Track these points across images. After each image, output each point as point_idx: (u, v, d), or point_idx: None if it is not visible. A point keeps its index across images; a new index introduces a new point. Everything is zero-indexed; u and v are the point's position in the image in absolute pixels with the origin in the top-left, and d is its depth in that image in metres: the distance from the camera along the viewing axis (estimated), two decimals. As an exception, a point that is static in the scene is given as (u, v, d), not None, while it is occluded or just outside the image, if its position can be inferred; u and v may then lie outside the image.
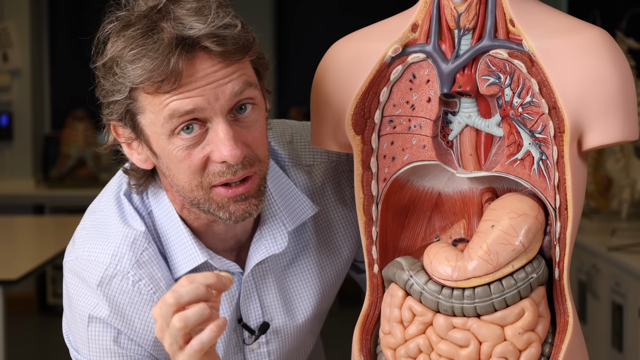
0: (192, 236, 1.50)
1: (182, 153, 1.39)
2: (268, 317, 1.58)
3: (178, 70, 1.34)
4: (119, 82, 1.37)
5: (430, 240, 1.52)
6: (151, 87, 1.36)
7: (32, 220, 5.02)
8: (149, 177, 1.51)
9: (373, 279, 1.51)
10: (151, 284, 1.48)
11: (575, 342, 1.40)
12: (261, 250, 1.53)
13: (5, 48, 6.11)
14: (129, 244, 1.48)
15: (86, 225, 1.54)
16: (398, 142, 1.49)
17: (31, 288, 6.03)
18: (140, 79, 1.35)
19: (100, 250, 1.49)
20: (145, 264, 1.48)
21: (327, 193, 1.62)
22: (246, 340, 1.57)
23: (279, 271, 1.59)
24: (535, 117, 1.40)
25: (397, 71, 1.47)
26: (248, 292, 1.56)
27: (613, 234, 3.89)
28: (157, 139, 1.40)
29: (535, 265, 1.40)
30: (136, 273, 1.47)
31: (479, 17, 1.41)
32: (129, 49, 1.36)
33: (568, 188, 1.37)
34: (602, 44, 1.37)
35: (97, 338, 1.48)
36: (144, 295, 1.48)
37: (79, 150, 6.11)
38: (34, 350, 5.33)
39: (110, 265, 1.47)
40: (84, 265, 1.49)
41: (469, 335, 1.39)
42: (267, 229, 1.54)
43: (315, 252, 1.60)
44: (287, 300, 1.59)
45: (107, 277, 1.47)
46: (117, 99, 1.39)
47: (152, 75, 1.35)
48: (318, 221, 1.61)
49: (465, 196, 1.50)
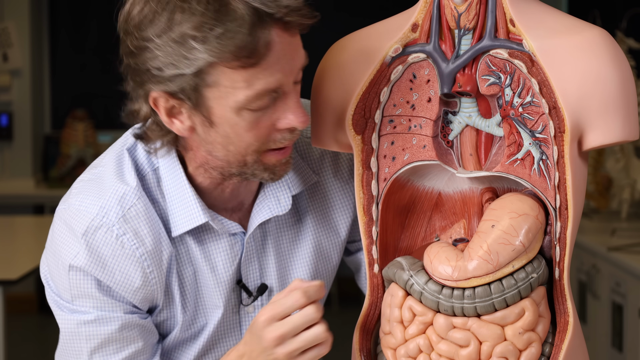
0: (195, 196, 1.51)
1: (251, 124, 1.42)
2: (265, 279, 1.60)
3: (263, 46, 1.37)
4: (193, 57, 1.36)
5: (430, 240, 1.52)
6: (235, 62, 1.37)
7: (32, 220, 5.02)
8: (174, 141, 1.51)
9: (373, 279, 1.51)
10: (135, 239, 1.49)
11: (575, 342, 1.40)
12: (265, 211, 1.56)
13: (5, 48, 6.11)
14: (117, 198, 1.50)
15: (84, 178, 1.56)
16: (398, 142, 1.49)
17: (31, 288, 6.03)
18: (227, 55, 1.36)
19: (90, 201, 1.51)
20: (132, 219, 1.50)
21: (326, 166, 1.64)
22: (244, 300, 1.59)
23: (277, 235, 1.61)
24: (536, 117, 1.40)
25: (397, 71, 1.47)
26: (249, 254, 1.58)
27: (613, 234, 3.89)
28: (223, 110, 1.41)
29: (535, 265, 1.40)
30: (121, 227, 1.49)
31: (479, 17, 1.41)
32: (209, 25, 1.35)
33: (568, 188, 1.37)
34: (603, 44, 1.37)
35: (79, 284, 1.50)
36: (127, 249, 1.49)
37: (79, 150, 6.11)
38: (33, 350, 5.33)
39: (97, 216, 1.49)
40: (72, 213, 1.52)
41: (469, 335, 1.39)
42: (271, 190, 1.57)
43: (312, 220, 1.63)
44: (282, 265, 1.61)
45: (93, 228, 1.49)
46: (184, 72, 1.38)
47: (240, 51, 1.36)
48: (315, 191, 1.63)
49: (465, 196, 1.50)
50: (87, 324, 1.50)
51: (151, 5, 1.39)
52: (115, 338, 1.50)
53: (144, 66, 1.40)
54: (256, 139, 1.44)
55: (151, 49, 1.39)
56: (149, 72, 1.40)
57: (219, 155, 1.47)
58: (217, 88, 1.39)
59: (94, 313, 1.50)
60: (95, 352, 1.51)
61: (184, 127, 1.45)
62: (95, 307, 1.50)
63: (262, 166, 1.47)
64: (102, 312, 1.50)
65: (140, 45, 1.40)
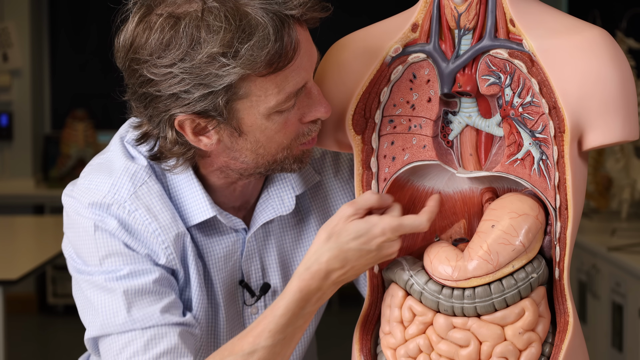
0: (203, 191, 1.52)
1: (279, 125, 1.44)
2: (267, 279, 1.60)
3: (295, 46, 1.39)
4: (224, 73, 1.37)
5: (430, 240, 1.52)
6: (267, 70, 1.38)
7: (32, 220, 5.01)
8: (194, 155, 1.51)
9: (373, 279, 1.51)
10: (147, 215, 1.49)
11: (575, 342, 1.40)
12: (268, 211, 1.57)
13: (5, 48, 6.11)
14: (129, 175, 1.51)
15: (93, 163, 1.57)
16: (398, 142, 1.49)
17: (31, 288, 6.02)
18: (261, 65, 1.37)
19: (101, 180, 1.51)
20: (143, 196, 1.50)
21: (327, 165, 1.64)
22: (247, 301, 1.59)
23: (280, 235, 1.61)
24: (536, 117, 1.40)
25: (397, 71, 1.47)
26: (250, 252, 1.58)
27: (613, 234, 3.89)
28: (254, 119, 1.43)
29: (535, 265, 1.40)
30: (133, 203, 1.49)
31: (479, 17, 1.41)
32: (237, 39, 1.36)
33: (568, 188, 1.37)
34: (603, 44, 1.37)
35: (106, 243, 1.49)
36: (139, 225, 1.49)
37: (79, 150, 6.10)
38: (34, 351, 5.33)
39: (108, 193, 1.50)
40: (83, 191, 1.52)
41: (469, 335, 1.39)
42: (274, 190, 1.58)
43: (315, 220, 1.63)
44: (285, 265, 1.62)
45: (105, 205, 1.49)
46: (214, 89, 1.38)
47: (272, 58, 1.37)
48: (317, 191, 1.64)
49: (465, 196, 1.50)
50: (121, 279, 1.48)
51: (163, 30, 1.38)
52: (150, 290, 1.48)
53: (168, 92, 1.40)
54: (286, 138, 1.45)
55: (175, 73, 1.38)
56: (175, 96, 1.40)
57: (248, 160, 1.48)
58: (249, 98, 1.41)
59: (126, 268, 1.48)
60: (132, 304, 1.48)
61: (211, 143, 1.46)
62: (126, 262, 1.48)
63: (292, 158, 1.49)
64: (134, 266, 1.48)
65: (161, 72, 1.39)
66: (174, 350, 1.46)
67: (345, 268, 1.41)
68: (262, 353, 1.42)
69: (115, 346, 1.47)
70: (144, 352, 1.45)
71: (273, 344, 1.42)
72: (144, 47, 1.40)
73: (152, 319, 1.47)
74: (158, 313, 1.47)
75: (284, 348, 1.44)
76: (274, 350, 1.42)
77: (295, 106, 1.44)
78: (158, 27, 1.39)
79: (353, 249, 1.40)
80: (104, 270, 1.49)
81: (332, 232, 1.41)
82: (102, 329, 1.48)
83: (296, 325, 1.43)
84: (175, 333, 1.46)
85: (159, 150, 1.50)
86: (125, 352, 1.46)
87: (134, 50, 1.41)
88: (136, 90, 1.43)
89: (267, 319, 1.42)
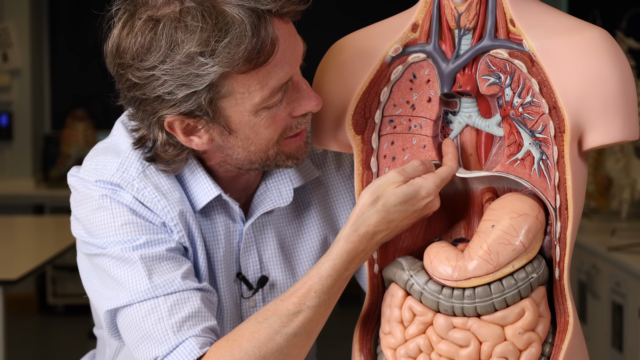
0: (206, 174, 1.53)
1: (267, 121, 1.44)
2: (266, 272, 1.61)
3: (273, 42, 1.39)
4: (204, 72, 1.38)
5: (430, 240, 1.52)
6: (247, 66, 1.38)
7: (32, 220, 5.01)
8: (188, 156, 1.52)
9: (373, 279, 1.51)
10: (156, 192, 1.50)
11: (575, 342, 1.40)
12: (266, 202, 1.58)
13: (5, 48, 6.11)
14: (137, 156, 1.52)
15: (98, 147, 1.57)
16: (398, 142, 1.49)
17: (31, 288, 6.02)
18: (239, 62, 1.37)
19: (108, 160, 1.52)
20: (152, 175, 1.51)
21: (328, 161, 1.65)
22: (244, 293, 1.59)
23: (279, 228, 1.62)
24: (536, 117, 1.40)
25: (397, 71, 1.47)
26: (248, 244, 1.58)
27: (613, 234, 3.89)
28: (240, 116, 1.44)
29: (535, 265, 1.40)
30: (141, 181, 1.50)
31: (480, 17, 1.41)
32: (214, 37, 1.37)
33: (568, 188, 1.37)
34: (603, 44, 1.37)
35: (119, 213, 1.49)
36: (148, 202, 1.49)
37: (79, 150, 6.10)
38: (33, 351, 5.33)
39: (117, 172, 1.50)
40: (90, 171, 1.52)
41: (469, 335, 1.39)
42: (273, 182, 1.59)
43: (316, 214, 1.64)
44: (288, 258, 1.62)
45: (114, 184, 1.50)
46: (196, 89, 1.39)
47: (250, 54, 1.37)
48: (318, 186, 1.64)
49: (465, 196, 1.50)
50: (138, 248, 1.48)
51: (143, 33, 1.39)
52: (168, 257, 1.48)
53: (153, 94, 1.41)
54: (276, 133, 1.46)
55: (158, 76, 1.39)
56: (160, 99, 1.41)
57: (240, 157, 1.49)
58: (233, 96, 1.41)
59: (142, 237, 1.48)
60: (153, 271, 1.47)
61: (202, 142, 1.47)
62: (142, 232, 1.48)
63: (284, 155, 1.49)
64: (149, 236, 1.48)
65: (144, 75, 1.40)
66: (197, 314, 1.45)
67: (390, 229, 1.43)
68: (308, 313, 1.42)
69: (138, 314, 1.46)
70: (169, 317, 1.44)
71: (318, 304, 1.42)
72: (127, 52, 1.41)
73: (173, 284, 1.46)
74: (179, 278, 1.47)
75: (327, 309, 1.44)
76: (319, 310, 1.42)
77: (284, 101, 1.44)
78: (138, 30, 1.40)
79: (400, 211, 1.42)
80: (120, 240, 1.48)
81: (379, 195, 1.42)
82: (124, 299, 1.47)
83: (339, 286, 1.44)
84: (197, 297, 1.46)
85: (155, 153, 1.50)
86: (150, 319, 1.45)
87: (119, 55, 1.43)
88: (125, 94, 1.46)
89: (313, 279, 1.42)
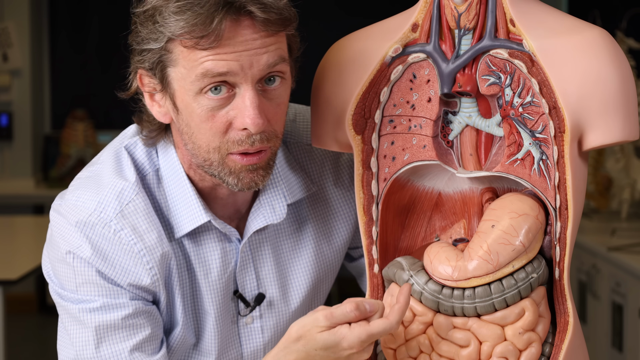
0: (197, 196, 1.52)
1: (206, 113, 1.43)
2: (263, 289, 1.60)
3: (220, 30, 1.38)
4: (158, 31, 1.41)
5: (430, 240, 1.52)
6: (190, 42, 1.39)
7: (32, 220, 5.01)
8: (162, 131, 1.55)
9: (373, 279, 1.51)
10: (133, 235, 1.49)
11: (575, 342, 1.40)
12: (260, 219, 1.56)
13: (5, 48, 6.11)
14: (116, 193, 1.51)
15: (82, 175, 1.57)
16: (398, 142, 1.49)
17: (31, 288, 6.02)
18: (181, 31, 1.39)
19: (88, 197, 1.52)
20: (130, 215, 1.50)
21: (326, 173, 1.63)
22: (241, 311, 1.58)
23: (276, 244, 1.61)
24: (536, 117, 1.40)
25: (397, 71, 1.47)
26: (244, 262, 1.57)
27: (613, 234, 3.89)
28: (184, 94, 1.43)
29: (535, 265, 1.40)
30: (119, 222, 1.50)
31: (480, 17, 1.41)
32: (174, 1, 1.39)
33: (568, 188, 1.37)
34: (603, 44, 1.37)
35: (81, 271, 1.50)
36: (124, 245, 1.49)
37: (79, 150, 6.10)
38: (33, 350, 5.33)
39: (94, 212, 1.50)
40: (70, 208, 1.52)
41: (469, 335, 1.39)
42: (266, 198, 1.57)
43: (313, 229, 1.62)
44: (283, 274, 1.61)
45: (90, 223, 1.50)
46: (152, 47, 1.42)
47: (194, 30, 1.38)
48: (316, 200, 1.63)
49: (465, 196, 1.50)
50: (93, 312, 1.49)
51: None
52: (123, 325, 1.49)
53: (131, 42, 1.46)
54: (212, 133, 1.44)
55: (136, 24, 1.45)
56: (133, 48, 1.46)
57: (189, 149, 1.48)
58: (178, 68, 1.42)
59: (99, 300, 1.49)
60: (102, 340, 1.49)
61: (160, 112, 1.49)
62: (101, 294, 1.49)
63: (227, 169, 1.46)
64: (108, 299, 1.49)
65: (133, 20, 1.46)
66: None
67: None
68: None
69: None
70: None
71: None
72: None
73: (119, 357, 1.48)
74: (127, 352, 1.48)
75: None
76: None
77: (229, 106, 1.42)
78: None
79: (321, 355, 1.39)
80: (78, 299, 1.50)
81: (302, 335, 1.40)
82: (71, 356, 1.51)
83: None
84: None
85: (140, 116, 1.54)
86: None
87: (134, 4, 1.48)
88: None
89: None
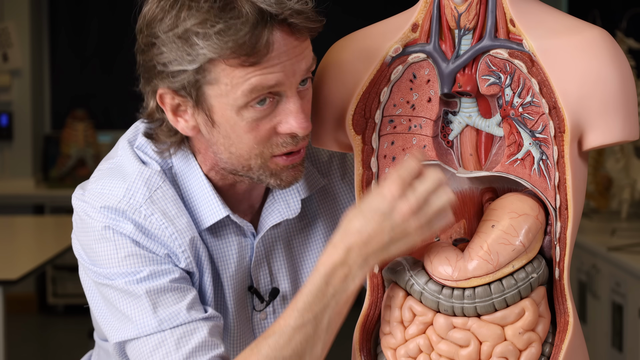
0: (214, 191, 1.53)
1: (250, 124, 1.43)
2: (276, 284, 1.60)
3: (267, 45, 1.38)
4: (195, 53, 1.39)
5: (430, 240, 1.52)
6: (235, 60, 1.39)
7: (32, 220, 5.02)
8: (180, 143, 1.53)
9: (373, 279, 1.51)
10: (164, 219, 1.49)
11: (575, 342, 1.40)
12: (275, 214, 1.57)
13: (5, 48, 6.11)
14: (144, 180, 1.51)
15: (102, 167, 1.56)
16: (398, 142, 1.49)
17: (31, 288, 6.03)
18: (227, 52, 1.38)
19: (114, 184, 1.51)
20: (159, 201, 1.50)
21: (334, 168, 1.64)
22: (256, 306, 1.59)
23: (287, 239, 1.61)
24: (536, 117, 1.40)
25: (397, 71, 1.47)
26: (259, 257, 1.58)
27: (613, 234, 3.89)
28: (224, 109, 1.43)
29: (535, 265, 1.40)
30: (148, 207, 1.49)
31: (480, 17, 1.41)
32: (211, 21, 1.38)
33: (568, 188, 1.37)
34: (603, 44, 1.37)
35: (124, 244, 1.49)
36: (156, 229, 1.49)
37: (79, 150, 6.10)
38: (34, 351, 5.33)
39: (123, 198, 1.50)
40: (96, 196, 1.51)
41: (469, 335, 1.39)
42: (279, 194, 1.58)
43: (322, 224, 1.63)
44: (294, 269, 1.62)
45: (120, 210, 1.49)
46: (186, 68, 1.40)
47: (240, 48, 1.37)
48: (325, 196, 1.64)
49: (465, 196, 1.50)
50: (141, 281, 1.47)
51: (162, 4, 1.42)
52: (172, 287, 1.48)
53: (151, 62, 1.43)
54: (256, 142, 1.44)
55: (158, 45, 1.42)
56: (156, 69, 1.43)
57: (223, 158, 1.48)
58: (218, 86, 1.41)
59: (146, 270, 1.48)
60: (157, 304, 1.47)
61: (187, 126, 1.47)
62: (145, 264, 1.48)
63: (268, 171, 1.47)
64: (153, 267, 1.48)
65: (148, 42, 1.43)
66: (205, 345, 1.45)
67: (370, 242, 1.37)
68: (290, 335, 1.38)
69: (146, 348, 1.46)
70: (176, 350, 1.45)
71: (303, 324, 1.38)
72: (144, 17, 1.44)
73: (179, 317, 1.47)
74: (184, 310, 1.47)
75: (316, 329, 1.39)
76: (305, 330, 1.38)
77: (272, 113, 1.43)
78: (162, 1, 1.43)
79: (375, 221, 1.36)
80: (124, 272, 1.48)
81: None
82: (132, 333, 1.48)
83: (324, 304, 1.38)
84: (204, 328, 1.46)
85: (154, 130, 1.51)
86: (158, 354, 1.45)
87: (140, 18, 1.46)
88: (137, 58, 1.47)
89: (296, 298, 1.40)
